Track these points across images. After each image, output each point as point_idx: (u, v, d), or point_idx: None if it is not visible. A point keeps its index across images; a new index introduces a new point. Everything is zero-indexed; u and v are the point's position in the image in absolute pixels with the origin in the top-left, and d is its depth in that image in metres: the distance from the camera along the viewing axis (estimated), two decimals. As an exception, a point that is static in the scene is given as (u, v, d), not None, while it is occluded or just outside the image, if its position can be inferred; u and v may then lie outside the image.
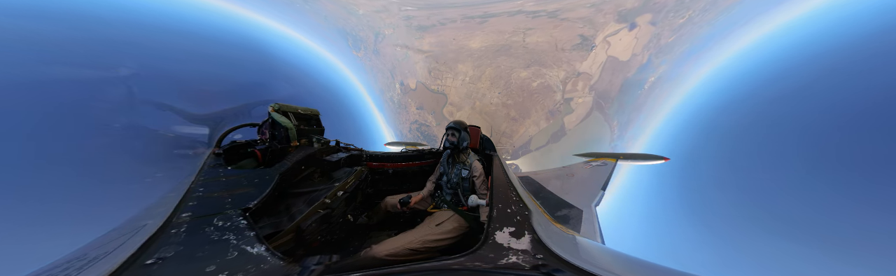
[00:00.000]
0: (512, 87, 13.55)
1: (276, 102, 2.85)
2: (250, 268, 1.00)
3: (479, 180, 2.81)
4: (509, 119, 14.51)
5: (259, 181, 1.94)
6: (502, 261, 1.11)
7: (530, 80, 13.30)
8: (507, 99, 13.83)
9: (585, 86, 13.93)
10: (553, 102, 14.20)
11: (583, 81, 13.68)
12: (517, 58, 12.85)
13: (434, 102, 15.43)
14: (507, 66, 13.04)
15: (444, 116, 15.56)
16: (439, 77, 14.55)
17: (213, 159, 2.54)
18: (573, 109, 14.72)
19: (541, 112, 14.42)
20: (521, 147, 15.36)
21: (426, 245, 2.21)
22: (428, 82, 15.01)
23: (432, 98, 15.39)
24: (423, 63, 14.48)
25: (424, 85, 15.20)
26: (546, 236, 1.39)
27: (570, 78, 13.43)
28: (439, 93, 15.11)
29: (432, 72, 14.47)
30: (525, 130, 14.87)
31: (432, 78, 14.73)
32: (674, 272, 1.40)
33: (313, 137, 2.95)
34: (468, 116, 14.91)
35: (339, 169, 2.80)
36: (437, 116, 15.79)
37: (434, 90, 15.16)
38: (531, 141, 15.23)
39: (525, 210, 1.73)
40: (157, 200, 1.85)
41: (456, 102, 14.88)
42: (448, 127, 3.03)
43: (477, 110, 14.65)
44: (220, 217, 1.36)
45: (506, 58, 12.85)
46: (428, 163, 3.82)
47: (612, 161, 9.88)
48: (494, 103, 14.06)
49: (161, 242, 1.11)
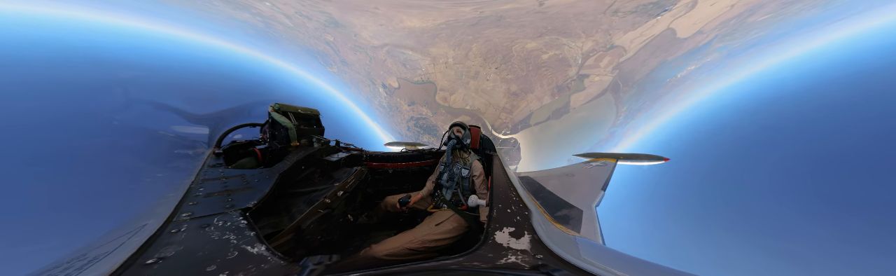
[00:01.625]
0: (512, 60, 11.96)
1: (276, 101, 2.85)
2: (251, 268, 1.00)
3: (479, 179, 2.81)
4: (509, 94, 13.46)
5: (259, 181, 1.94)
6: (502, 261, 1.11)
7: (540, 51, 11.48)
8: (507, 74, 12.50)
9: (611, 63, 12.11)
10: (564, 77, 12.70)
11: (611, 56, 11.73)
12: (522, 28, 10.75)
13: (423, 92, 14.69)
14: (504, 38, 11.20)
15: (438, 104, 14.80)
16: (417, 67, 13.48)
17: (213, 159, 2.54)
18: (585, 87, 13.43)
19: (546, 87, 13.16)
20: (521, 122, 14.61)
21: (425, 245, 2.20)
22: (408, 76, 14.17)
23: (420, 90, 14.64)
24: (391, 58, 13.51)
25: (407, 80, 14.44)
26: (546, 236, 1.39)
27: (597, 52, 11.38)
28: (426, 82, 14.19)
29: (407, 64, 13.46)
30: (526, 105, 13.91)
31: (410, 70, 13.75)
32: (674, 272, 1.40)
33: (313, 137, 2.95)
34: (463, 97, 14.11)
35: (339, 169, 2.80)
36: (432, 106, 15.11)
37: (418, 81, 14.28)
38: (531, 116, 14.43)
39: (525, 210, 1.73)
40: (157, 200, 1.85)
41: (446, 86, 13.96)
42: (452, 125, 3.07)
43: (473, 90, 13.64)
44: (221, 217, 1.36)
45: (499, 29, 10.90)
46: (428, 163, 3.82)
47: (612, 161, 9.87)
48: (491, 80, 12.86)
49: (161, 241, 1.11)
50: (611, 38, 10.77)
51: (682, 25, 10.59)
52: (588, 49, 11.13)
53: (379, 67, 14.31)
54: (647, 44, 11.27)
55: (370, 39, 12.43)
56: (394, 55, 13.22)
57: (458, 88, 13.89)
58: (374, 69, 14.64)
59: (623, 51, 11.48)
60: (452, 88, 13.99)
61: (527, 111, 14.22)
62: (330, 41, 13.34)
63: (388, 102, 16.57)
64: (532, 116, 14.44)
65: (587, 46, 11.01)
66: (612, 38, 10.73)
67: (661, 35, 10.88)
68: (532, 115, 14.37)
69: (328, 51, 14.24)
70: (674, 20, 10.17)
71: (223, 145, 3.03)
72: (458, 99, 14.41)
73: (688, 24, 10.60)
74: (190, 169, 2.32)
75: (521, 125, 14.74)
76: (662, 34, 10.86)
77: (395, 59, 13.49)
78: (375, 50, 13.16)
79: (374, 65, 14.29)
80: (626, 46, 11.25)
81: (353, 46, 13.31)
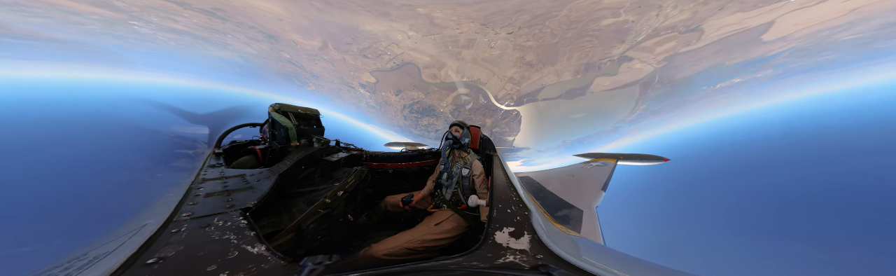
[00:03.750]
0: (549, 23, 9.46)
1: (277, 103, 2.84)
2: (251, 268, 1.00)
3: (479, 179, 2.81)
4: (522, 64, 11.57)
5: (259, 181, 1.95)
6: (501, 261, 1.11)
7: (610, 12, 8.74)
8: (527, 40, 10.22)
9: (668, 51, 10.31)
10: (603, 55, 10.66)
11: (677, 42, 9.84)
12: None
13: (406, 77, 13.34)
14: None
15: (428, 83, 13.38)
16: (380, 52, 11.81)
17: (213, 159, 2.54)
18: (617, 73, 11.66)
19: (573, 62, 11.18)
20: (528, 94, 13.20)
21: (424, 245, 2.20)
22: (379, 65, 12.79)
23: (402, 75, 13.26)
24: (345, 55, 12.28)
25: (380, 70, 13.19)
26: (546, 236, 1.38)
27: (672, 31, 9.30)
28: (404, 65, 12.53)
29: (364, 52, 11.97)
30: (540, 77, 12.24)
31: (375, 58, 12.32)
32: (674, 272, 1.40)
33: (313, 137, 2.95)
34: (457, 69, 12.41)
35: (339, 169, 2.80)
36: (421, 87, 13.86)
37: (393, 67, 12.78)
38: (542, 91, 12.95)
39: (525, 210, 1.73)
40: (157, 200, 1.85)
41: (429, 62, 12.29)
42: (452, 124, 3.06)
43: (469, 60, 11.68)
44: (221, 217, 1.37)
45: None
46: (428, 163, 3.82)
47: (612, 162, 9.87)
48: (498, 47, 10.75)
49: (161, 241, 1.11)
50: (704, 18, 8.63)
51: (784, 24, 9.08)
52: (667, 24, 8.94)
53: (344, 68, 13.43)
54: (727, 37, 9.63)
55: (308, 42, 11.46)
56: (344, 50, 11.89)
57: (446, 61, 12.14)
58: (343, 72, 13.84)
59: (696, 39, 9.70)
60: (439, 63, 12.31)
61: (538, 85, 12.66)
62: (288, 58, 12.96)
63: (374, 99, 15.93)
64: (543, 91, 13.02)
65: (671, 21, 8.75)
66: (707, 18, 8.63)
67: (750, 30, 9.31)
68: (544, 89, 12.90)
69: (296, 70, 13.93)
70: (785, 13, 8.60)
71: (223, 145, 3.03)
72: (449, 73, 12.85)
73: (788, 24, 9.14)
74: (190, 169, 2.32)
75: (528, 98, 13.50)
76: (752, 30, 9.29)
77: (349, 53, 12.18)
78: (324, 52, 12.24)
79: (339, 68, 13.52)
80: (707, 33, 9.42)
81: (307, 56, 12.65)
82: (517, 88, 12.89)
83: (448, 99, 14.22)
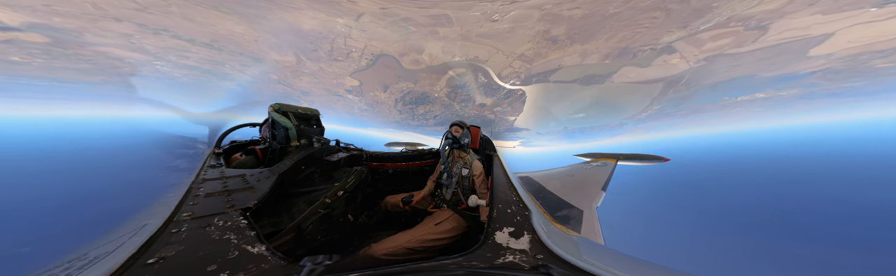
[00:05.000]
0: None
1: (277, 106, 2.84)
2: (251, 267, 1.00)
3: (479, 179, 2.81)
4: (543, 38, 9.35)
5: (259, 181, 1.95)
6: (501, 261, 1.11)
7: None
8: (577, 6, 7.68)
9: (715, 50, 9.06)
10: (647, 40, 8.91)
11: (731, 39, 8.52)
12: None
13: (386, 70, 12.37)
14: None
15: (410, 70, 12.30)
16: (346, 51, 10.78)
17: (213, 159, 2.54)
18: (649, 64, 10.14)
19: (611, 43, 9.20)
20: (539, 74, 11.63)
21: (424, 245, 2.20)
22: (354, 66, 12.11)
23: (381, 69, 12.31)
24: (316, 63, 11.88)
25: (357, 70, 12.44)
26: (546, 236, 1.39)
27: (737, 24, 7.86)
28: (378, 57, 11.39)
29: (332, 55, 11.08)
30: (559, 57, 10.41)
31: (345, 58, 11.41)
32: (674, 272, 1.40)
33: (313, 137, 2.95)
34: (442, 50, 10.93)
35: (339, 169, 2.80)
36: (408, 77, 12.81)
37: (369, 64, 11.89)
38: (557, 72, 11.33)
39: (525, 210, 1.73)
40: (157, 200, 1.86)
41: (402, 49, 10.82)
42: (452, 124, 3.06)
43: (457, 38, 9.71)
44: (221, 217, 1.37)
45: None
46: (428, 163, 3.82)
47: (612, 162, 9.87)
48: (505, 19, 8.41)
49: (162, 241, 1.12)
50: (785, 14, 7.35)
51: (841, 38, 8.01)
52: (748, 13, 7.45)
53: (325, 77, 13.02)
54: (780, 44, 8.53)
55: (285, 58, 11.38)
56: (315, 58, 11.41)
57: (424, 45, 10.47)
58: (326, 82, 13.56)
59: (752, 39, 8.41)
60: (414, 48, 10.72)
61: (555, 64, 10.91)
62: (276, 79, 13.10)
63: (364, 102, 15.64)
64: (558, 72, 11.39)
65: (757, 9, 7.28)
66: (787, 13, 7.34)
67: (806, 40, 8.26)
68: (559, 70, 11.24)
69: (286, 90, 13.97)
70: (852, 26, 7.59)
71: (223, 145, 3.03)
72: (434, 55, 11.33)
73: (843, 40, 8.08)
74: (190, 169, 2.32)
75: (537, 78, 12.01)
76: (809, 39, 8.23)
77: (322, 61, 11.65)
78: (302, 65, 11.90)
79: (321, 79, 13.25)
80: (768, 35, 8.13)
81: (291, 73, 12.65)
82: (527, 67, 11.22)
83: (441, 82, 13.17)
